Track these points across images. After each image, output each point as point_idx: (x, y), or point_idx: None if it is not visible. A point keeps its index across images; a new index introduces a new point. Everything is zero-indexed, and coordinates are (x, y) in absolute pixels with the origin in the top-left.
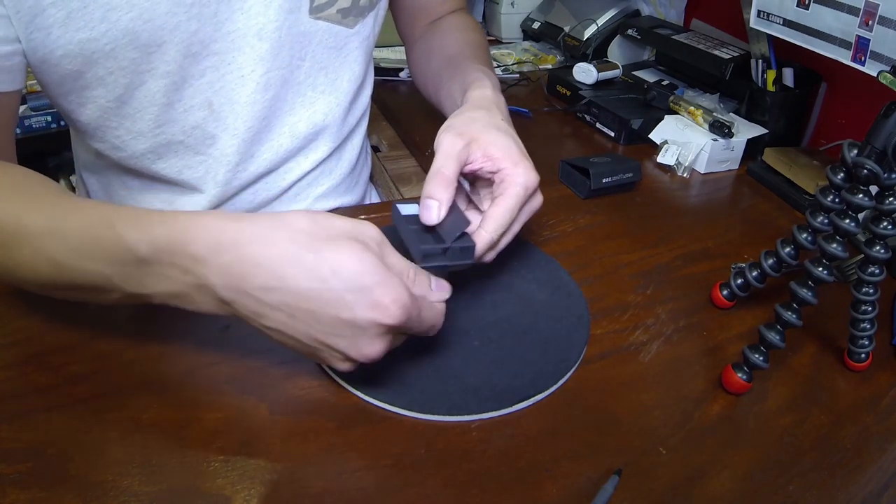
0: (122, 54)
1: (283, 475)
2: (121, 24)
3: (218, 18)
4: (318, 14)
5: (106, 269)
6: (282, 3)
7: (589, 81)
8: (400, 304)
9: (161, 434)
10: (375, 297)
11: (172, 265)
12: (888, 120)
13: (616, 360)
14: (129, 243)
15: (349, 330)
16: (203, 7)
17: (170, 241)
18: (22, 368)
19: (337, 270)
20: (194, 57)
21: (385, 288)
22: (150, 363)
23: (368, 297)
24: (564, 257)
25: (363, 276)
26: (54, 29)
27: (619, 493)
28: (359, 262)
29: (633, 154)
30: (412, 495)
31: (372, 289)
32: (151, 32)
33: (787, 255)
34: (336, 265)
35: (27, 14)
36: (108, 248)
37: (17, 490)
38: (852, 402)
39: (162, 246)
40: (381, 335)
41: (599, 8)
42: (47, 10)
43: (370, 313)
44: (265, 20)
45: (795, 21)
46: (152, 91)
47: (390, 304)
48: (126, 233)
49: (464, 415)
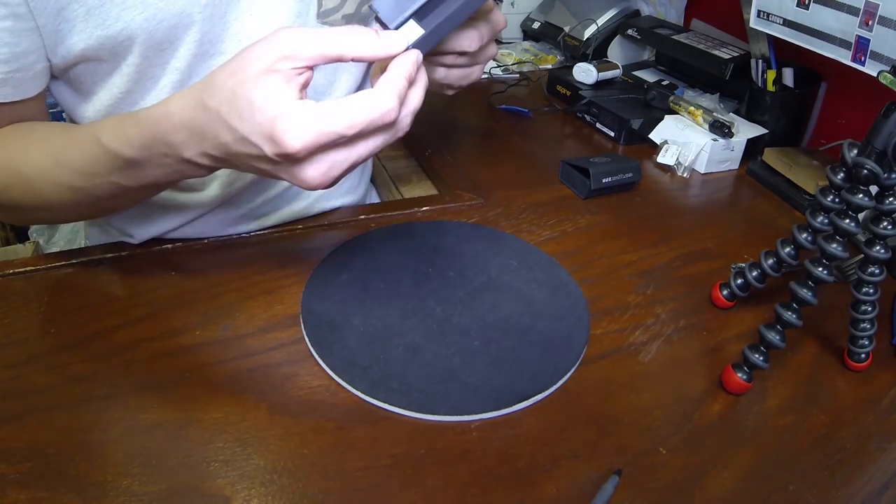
0: (137, 51)
1: (283, 475)
2: (135, 23)
3: (227, 19)
4: (324, 19)
5: (112, 177)
6: (291, 7)
7: (589, 81)
8: (295, 132)
9: (161, 434)
10: (269, 131)
11: (156, 155)
12: (888, 120)
13: (616, 360)
14: (116, 151)
15: (275, 165)
16: (215, 8)
17: (145, 138)
18: (22, 368)
19: (241, 115)
20: (202, 56)
21: (278, 119)
22: (150, 363)
23: (265, 131)
24: (564, 257)
25: (260, 113)
26: (77, 22)
27: (619, 493)
28: (256, 100)
29: (633, 154)
30: (412, 495)
31: (266, 122)
32: (165, 31)
33: (787, 255)
34: (240, 111)
35: (54, 7)
36: (103, 160)
37: (17, 490)
38: (852, 402)
39: (142, 144)
40: (300, 162)
41: (599, 8)
42: (70, 6)
43: (273, 148)
44: (272, 22)
45: (795, 21)
46: (160, 87)
47: (283, 131)
48: (110, 143)
49: (464, 415)
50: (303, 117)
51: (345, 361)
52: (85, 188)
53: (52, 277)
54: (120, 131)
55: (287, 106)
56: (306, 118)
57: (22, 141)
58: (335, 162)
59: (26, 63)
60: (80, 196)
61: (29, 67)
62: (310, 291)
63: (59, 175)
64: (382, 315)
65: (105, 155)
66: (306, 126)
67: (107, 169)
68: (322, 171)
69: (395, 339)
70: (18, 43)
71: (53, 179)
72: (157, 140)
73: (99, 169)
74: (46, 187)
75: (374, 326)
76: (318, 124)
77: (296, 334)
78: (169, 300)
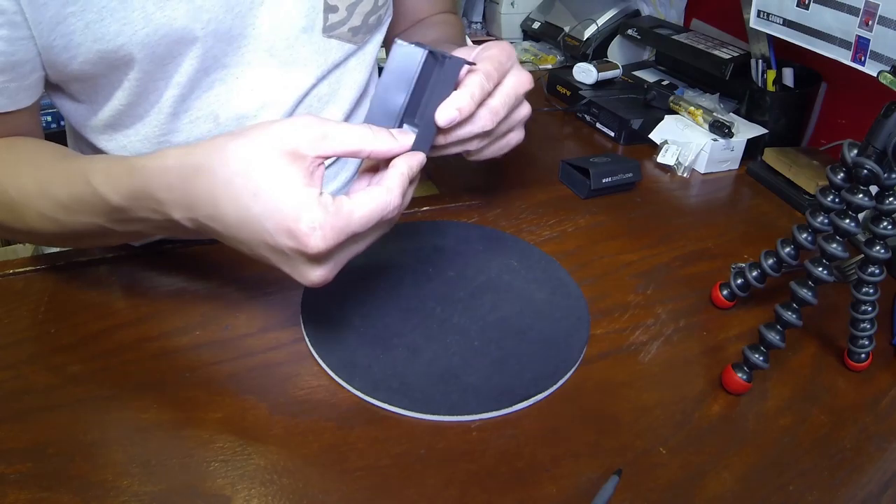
0: (138, 66)
1: (283, 475)
2: (137, 38)
3: (231, 35)
4: (330, 33)
5: (96, 219)
6: (295, 23)
7: (589, 81)
8: (318, 233)
9: (161, 434)
10: (291, 226)
11: (143, 208)
12: (888, 120)
13: (616, 360)
14: (104, 196)
15: (280, 256)
16: (218, 24)
17: (135, 190)
18: (22, 368)
19: (257, 194)
20: (205, 71)
21: (302, 216)
22: (150, 363)
23: (285, 224)
24: (564, 257)
25: (280, 202)
26: (75, 36)
27: (619, 493)
28: (277, 183)
29: (633, 154)
30: (412, 495)
31: (289, 216)
32: (167, 47)
33: (787, 255)
34: (256, 189)
35: (49, 23)
36: (89, 201)
37: (17, 490)
38: (852, 402)
39: (131, 195)
40: (314, 261)
41: (599, 8)
42: (68, 19)
43: (289, 242)
44: (277, 38)
45: (795, 21)
46: (162, 100)
47: (308, 232)
48: (99, 187)
49: (464, 415)
50: (326, 217)
51: (345, 361)
52: (68, 224)
53: (51, 277)
54: (112, 177)
55: (311, 201)
56: (329, 218)
57: (13, 161)
58: (339, 260)
59: (22, 73)
60: (63, 230)
61: (24, 77)
62: (310, 291)
63: (43, 206)
64: (382, 315)
65: (92, 197)
66: (330, 227)
67: (92, 210)
68: (329, 270)
69: (395, 339)
70: (14, 52)
71: (37, 209)
72: (148, 196)
73: (84, 209)
74: (30, 214)
75: (374, 326)
76: (339, 225)
77: (296, 334)
78: (169, 300)
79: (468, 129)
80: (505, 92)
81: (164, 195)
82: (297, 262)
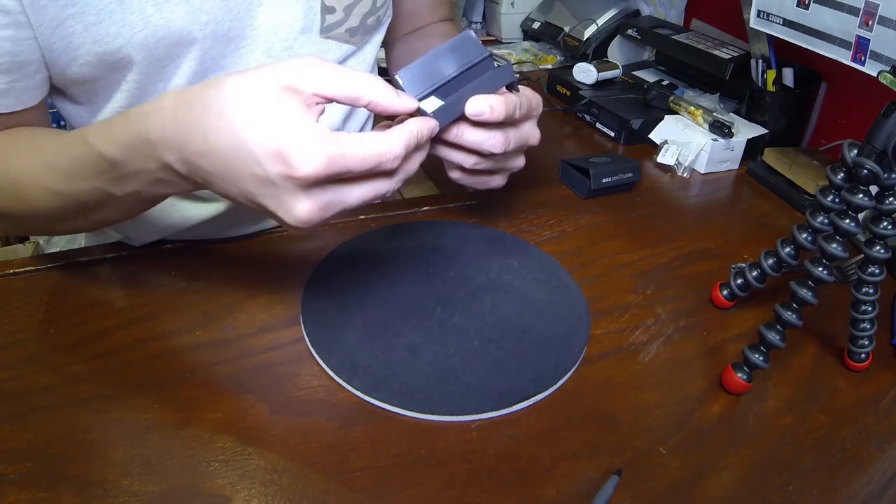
0: (137, 68)
1: (283, 475)
2: (135, 39)
3: (230, 37)
4: (328, 34)
5: (96, 182)
6: (294, 24)
7: (589, 81)
8: (308, 155)
9: (161, 434)
10: (281, 148)
11: (139, 157)
12: (888, 120)
13: (616, 360)
14: (102, 152)
15: (268, 188)
16: (217, 25)
17: (131, 137)
18: (22, 368)
19: (249, 121)
20: (204, 73)
21: (293, 138)
22: (150, 363)
23: (275, 146)
24: (564, 257)
25: (273, 127)
26: (74, 38)
27: (619, 493)
28: (271, 110)
29: (633, 154)
30: (412, 495)
31: (279, 137)
32: (166, 49)
33: (787, 255)
34: (249, 116)
35: (49, 25)
36: (88, 162)
37: (17, 490)
38: (852, 402)
39: (126, 143)
40: (301, 189)
41: (599, 8)
42: (67, 21)
43: (278, 166)
44: (275, 39)
45: (795, 21)
46: None
47: (298, 153)
48: (97, 143)
49: (464, 415)
50: (319, 142)
51: (345, 361)
52: (70, 193)
53: (52, 277)
54: (107, 129)
55: (304, 126)
56: (322, 143)
57: (15, 145)
58: (331, 201)
59: (27, 72)
60: (66, 202)
61: (30, 76)
62: (310, 291)
63: (45, 178)
64: (382, 315)
65: (90, 155)
66: (321, 151)
67: (91, 171)
68: (317, 206)
69: (395, 339)
70: (20, 52)
71: (40, 183)
72: (142, 140)
73: (83, 172)
74: (33, 191)
75: (374, 326)
76: (332, 152)
77: (296, 334)
78: (169, 300)
79: (479, 139)
80: (520, 132)
81: (156, 136)
82: (284, 192)
